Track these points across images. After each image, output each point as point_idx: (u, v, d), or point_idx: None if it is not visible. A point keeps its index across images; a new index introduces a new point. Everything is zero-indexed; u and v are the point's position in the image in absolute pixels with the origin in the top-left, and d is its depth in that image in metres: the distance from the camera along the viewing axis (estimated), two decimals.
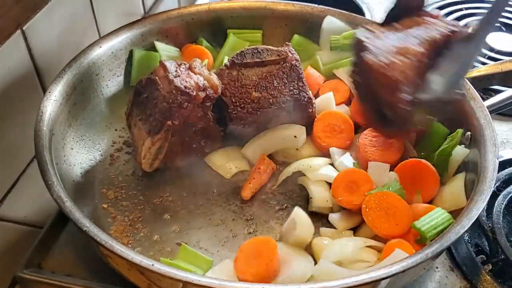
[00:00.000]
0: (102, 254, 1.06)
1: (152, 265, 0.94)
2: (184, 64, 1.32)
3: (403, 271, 0.96)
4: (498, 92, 1.49)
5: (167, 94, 1.25)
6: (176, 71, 1.29)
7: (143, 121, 1.30)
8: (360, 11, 2.00)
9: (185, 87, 1.25)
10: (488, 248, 1.26)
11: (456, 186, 1.24)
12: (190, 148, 1.33)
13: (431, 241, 1.07)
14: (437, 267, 1.23)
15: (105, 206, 1.28)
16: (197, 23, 1.59)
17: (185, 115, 1.27)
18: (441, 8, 2.09)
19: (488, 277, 1.19)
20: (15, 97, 1.25)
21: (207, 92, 1.29)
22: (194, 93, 1.26)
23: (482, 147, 1.22)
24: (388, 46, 1.13)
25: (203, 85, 1.28)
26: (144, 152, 1.30)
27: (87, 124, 1.37)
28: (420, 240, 1.12)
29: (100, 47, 1.41)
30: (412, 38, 1.14)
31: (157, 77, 1.28)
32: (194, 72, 1.30)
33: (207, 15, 1.59)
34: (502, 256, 1.22)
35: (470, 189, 1.17)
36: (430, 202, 1.25)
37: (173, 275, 0.93)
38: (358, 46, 1.16)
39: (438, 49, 1.14)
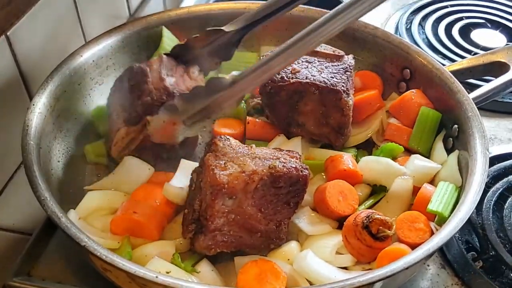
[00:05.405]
0: (102, 268, 1.05)
1: (135, 271, 0.94)
2: (183, 66, 1.29)
3: (391, 275, 0.96)
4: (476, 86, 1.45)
5: (154, 90, 1.22)
6: (171, 69, 1.25)
7: (122, 108, 1.27)
8: None
9: (173, 90, 1.23)
10: (478, 245, 1.27)
11: (450, 165, 1.26)
12: (162, 146, 1.28)
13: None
14: (428, 265, 1.24)
15: None
16: (178, 27, 1.55)
17: None
18: (426, 6, 2.09)
19: (479, 274, 1.20)
20: (0, 103, 1.23)
21: None
22: None
23: (472, 139, 1.22)
24: (233, 156, 1.12)
25: None
26: (116, 139, 1.27)
27: (72, 136, 1.35)
28: (440, 220, 1.13)
29: (81, 56, 1.38)
30: (258, 160, 1.12)
31: (148, 69, 1.25)
32: (190, 77, 1.27)
33: (188, 18, 1.56)
34: (493, 253, 1.23)
35: (465, 167, 1.21)
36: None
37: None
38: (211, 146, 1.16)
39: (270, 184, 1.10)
